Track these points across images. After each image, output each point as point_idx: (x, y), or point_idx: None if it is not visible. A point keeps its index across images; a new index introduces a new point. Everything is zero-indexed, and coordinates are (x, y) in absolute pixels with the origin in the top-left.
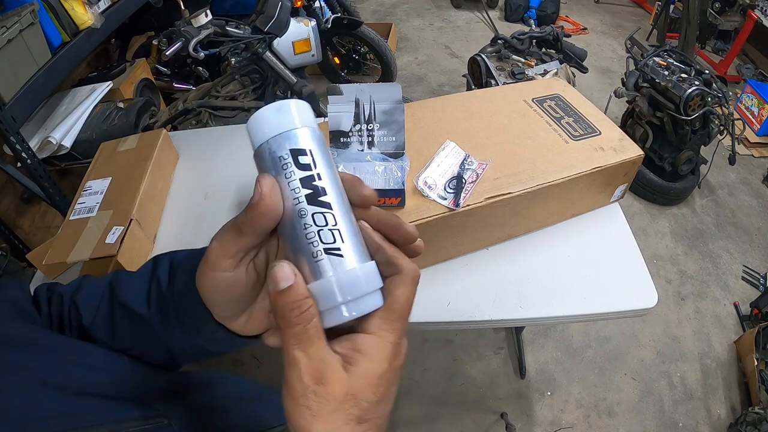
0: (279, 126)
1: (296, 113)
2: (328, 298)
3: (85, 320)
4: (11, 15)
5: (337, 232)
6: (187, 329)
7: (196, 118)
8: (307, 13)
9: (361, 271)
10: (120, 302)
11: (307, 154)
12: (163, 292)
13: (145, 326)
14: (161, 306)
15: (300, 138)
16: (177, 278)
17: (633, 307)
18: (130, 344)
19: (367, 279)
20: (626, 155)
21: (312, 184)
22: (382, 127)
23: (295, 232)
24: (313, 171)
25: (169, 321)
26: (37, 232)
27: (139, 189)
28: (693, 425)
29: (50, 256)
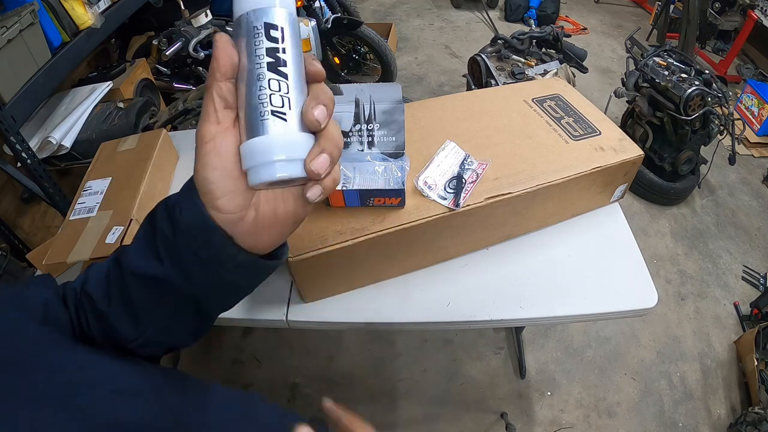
0: (260, 1)
1: None
2: (264, 153)
3: (100, 307)
4: (11, 15)
5: (287, 99)
6: (208, 266)
7: (196, 118)
8: (307, 13)
9: (300, 138)
10: (131, 273)
11: (278, 29)
12: (171, 239)
13: (165, 287)
14: (174, 256)
15: (276, 15)
16: (179, 215)
17: (633, 307)
18: (154, 316)
19: (301, 146)
20: (626, 155)
21: (276, 54)
22: (382, 127)
23: (250, 91)
24: (279, 45)
25: (188, 267)
26: (37, 232)
27: (139, 189)
28: (693, 425)
29: (50, 256)
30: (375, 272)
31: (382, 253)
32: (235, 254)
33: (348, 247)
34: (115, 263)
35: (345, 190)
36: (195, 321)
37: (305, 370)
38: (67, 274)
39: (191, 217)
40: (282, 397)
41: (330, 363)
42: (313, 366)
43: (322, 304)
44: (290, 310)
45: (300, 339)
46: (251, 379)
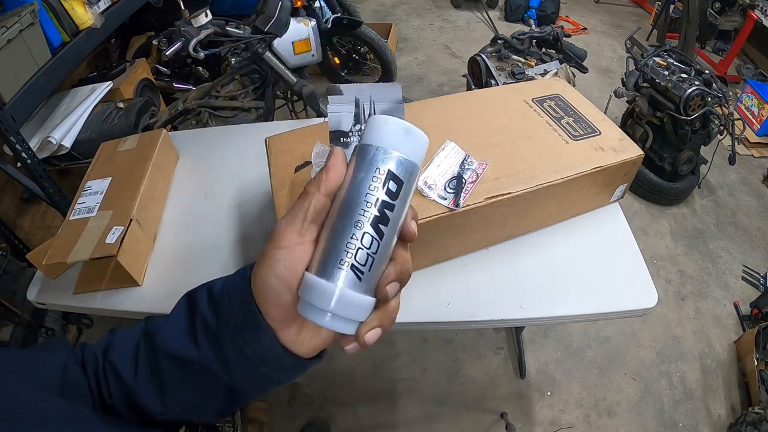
0: (400, 145)
1: (419, 149)
2: (323, 299)
3: (126, 379)
4: (11, 15)
5: (371, 259)
6: (249, 360)
7: (196, 118)
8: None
9: (364, 302)
10: (164, 353)
11: (400, 185)
12: (213, 328)
13: (199, 370)
14: (215, 345)
15: (407, 169)
16: (226, 308)
17: (633, 307)
18: (185, 396)
19: (362, 311)
20: (626, 155)
21: (384, 210)
22: None
23: (340, 230)
24: (393, 201)
25: (229, 359)
26: (37, 232)
27: (139, 189)
28: (693, 425)
29: (50, 256)
30: None
31: None
32: (280, 355)
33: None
34: (146, 337)
35: None
36: (225, 403)
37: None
38: (67, 274)
39: (241, 313)
40: (282, 397)
41: (330, 363)
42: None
43: None
44: None
45: None
46: None
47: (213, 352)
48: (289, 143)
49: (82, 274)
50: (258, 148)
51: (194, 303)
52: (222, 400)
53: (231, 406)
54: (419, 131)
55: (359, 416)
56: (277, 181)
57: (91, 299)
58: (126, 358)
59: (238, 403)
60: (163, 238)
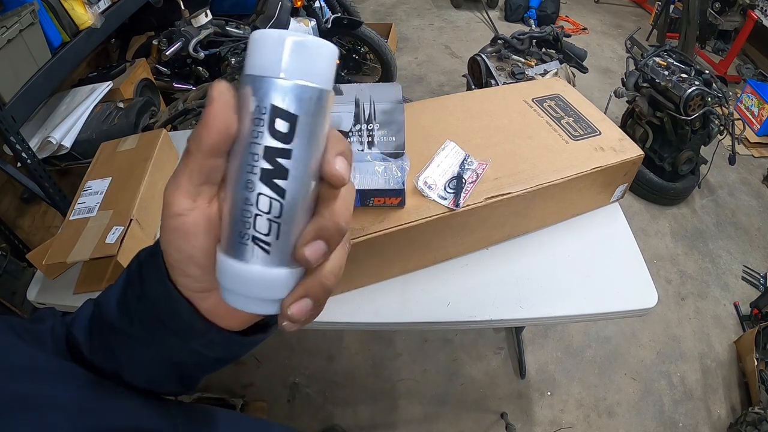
0: (286, 67)
1: (320, 67)
2: (231, 280)
3: (84, 350)
4: (11, 15)
5: (276, 225)
6: (178, 334)
7: (196, 118)
8: (307, 13)
9: (274, 276)
10: (110, 326)
11: (294, 121)
12: (137, 302)
13: (132, 342)
14: (141, 313)
15: (302, 98)
16: (147, 280)
17: (633, 307)
18: (139, 370)
19: (276, 288)
20: (626, 155)
21: (277, 160)
22: (382, 127)
23: (234, 197)
24: (288, 145)
25: (157, 330)
26: (37, 232)
27: (139, 189)
28: (693, 425)
29: (50, 256)
30: (375, 272)
31: (382, 253)
32: (205, 331)
33: None
34: (97, 310)
35: None
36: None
37: (305, 370)
38: (67, 274)
39: (156, 284)
40: (282, 397)
41: (330, 363)
42: (313, 366)
43: None
44: None
45: (300, 339)
46: (251, 379)
47: (141, 323)
48: None
49: (82, 274)
50: None
51: (130, 265)
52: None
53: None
54: (314, 41)
55: (359, 416)
56: None
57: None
58: (82, 327)
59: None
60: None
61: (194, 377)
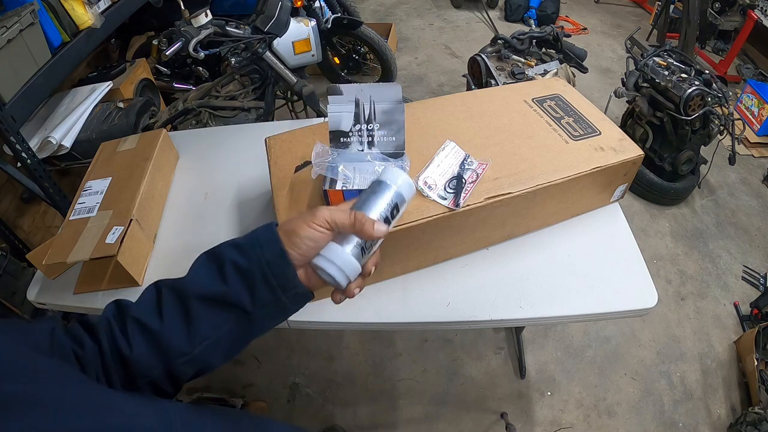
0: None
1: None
2: (337, 256)
3: (152, 326)
4: (11, 15)
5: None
6: (273, 291)
7: (196, 118)
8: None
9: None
10: (198, 295)
11: (398, 213)
12: (243, 267)
13: (227, 303)
14: (243, 279)
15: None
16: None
17: (633, 307)
18: (210, 330)
19: (354, 272)
20: (626, 155)
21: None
22: (382, 127)
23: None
24: (391, 222)
25: (257, 289)
26: (37, 232)
27: (139, 189)
28: (693, 425)
29: (50, 256)
30: (375, 272)
31: (383, 253)
32: (297, 284)
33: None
34: (168, 290)
35: (345, 191)
36: (239, 341)
37: (305, 370)
38: (67, 274)
39: (272, 253)
40: (282, 397)
41: (330, 363)
42: (313, 366)
43: (322, 304)
44: None
45: (300, 339)
46: (251, 379)
47: (243, 286)
48: (289, 143)
49: (82, 274)
50: (258, 148)
51: (219, 255)
52: (242, 333)
53: (244, 341)
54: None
55: (359, 416)
56: (277, 181)
57: (91, 299)
58: (148, 310)
59: (250, 338)
60: (163, 238)
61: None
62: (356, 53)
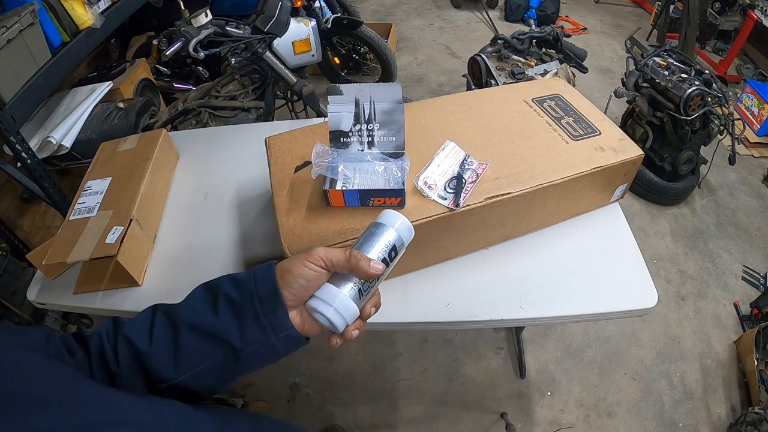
0: (404, 234)
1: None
2: (334, 297)
3: (140, 347)
4: (11, 15)
5: (369, 289)
6: (264, 331)
7: (196, 118)
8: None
9: (355, 309)
10: (189, 324)
11: (396, 255)
12: (236, 302)
13: (216, 337)
14: (235, 314)
15: (401, 247)
16: (250, 287)
17: (633, 307)
18: (196, 361)
19: (351, 315)
20: (626, 155)
21: (386, 271)
22: (382, 127)
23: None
24: (390, 264)
25: (246, 327)
26: (37, 232)
27: (139, 189)
28: (693, 425)
29: (50, 256)
30: None
31: None
32: (288, 327)
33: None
34: (163, 314)
35: (345, 190)
36: (225, 376)
37: (305, 370)
38: (67, 274)
39: (265, 290)
40: (282, 397)
41: (330, 363)
42: (313, 366)
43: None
44: None
45: None
46: (251, 379)
47: (233, 320)
48: (289, 143)
49: (82, 274)
50: (258, 148)
51: (215, 287)
52: (229, 369)
53: (231, 378)
54: (412, 228)
55: (359, 416)
56: (277, 181)
57: (91, 299)
58: (140, 331)
59: (237, 376)
60: (163, 238)
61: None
62: (356, 53)
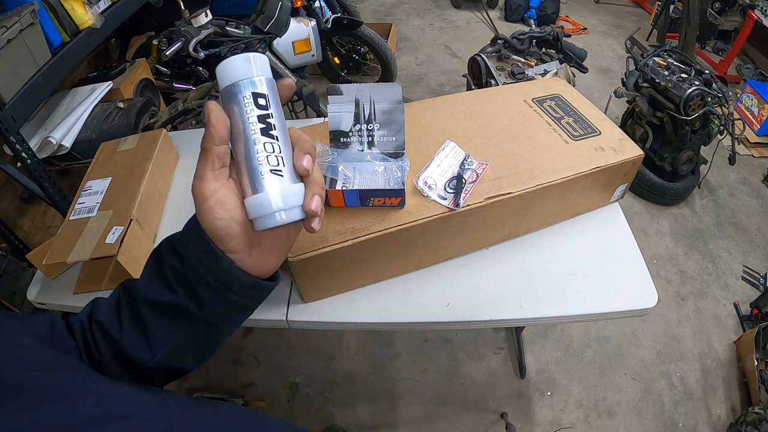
0: (244, 73)
1: (258, 65)
2: (267, 205)
3: (113, 333)
4: (11, 15)
5: (280, 158)
6: (215, 290)
7: (196, 118)
8: (307, 13)
9: (295, 188)
10: (145, 300)
11: (264, 97)
12: (179, 269)
13: (178, 312)
14: (184, 284)
15: (260, 84)
16: (185, 250)
17: (633, 307)
18: (166, 336)
19: (297, 195)
20: (626, 155)
21: (266, 120)
22: (382, 127)
23: (248, 155)
24: (268, 111)
25: (198, 293)
26: (37, 232)
27: (139, 189)
28: (693, 425)
29: (50, 256)
30: (375, 272)
31: (382, 253)
32: (239, 276)
33: (348, 247)
34: (125, 294)
35: (345, 190)
36: (203, 344)
37: (305, 370)
38: (67, 274)
39: (199, 249)
40: (282, 397)
41: (330, 363)
42: (313, 366)
43: (322, 304)
44: (290, 310)
45: (300, 339)
46: (251, 379)
47: (183, 290)
48: None
49: (82, 274)
50: None
51: (159, 255)
52: (201, 337)
53: (207, 348)
54: (251, 54)
55: (359, 416)
56: None
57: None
58: (110, 315)
59: (217, 340)
60: (163, 238)
61: (220, 333)
62: (356, 53)
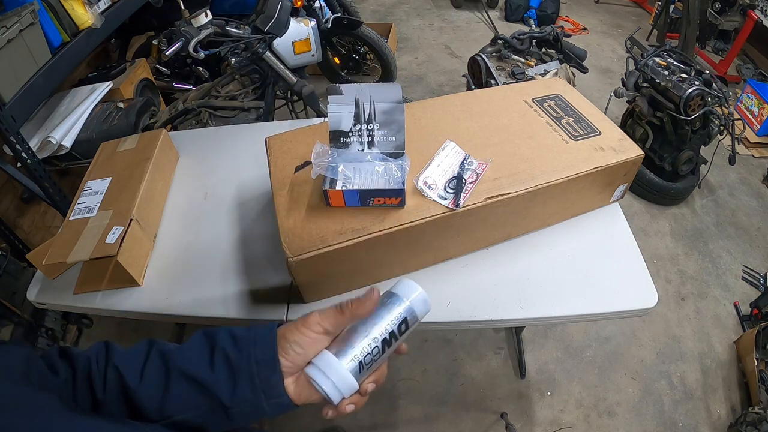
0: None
1: (424, 310)
2: (334, 371)
3: (130, 383)
4: (11, 15)
5: (371, 363)
6: (256, 391)
7: (196, 118)
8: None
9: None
10: (181, 372)
11: (407, 329)
12: (232, 360)
13: (208, 391)
14: (229, 371)
15: (413, 322)
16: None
17: (633, 307)
18: (183, 408)
19: (349, 390)
20: (626, 155)
21: (392, 339)
22: (382, 127)
23: (364, 338)
24: (399, 337)
25: (239, 384)
26: (37, 232)
27: (139, 189)
28: (693, 425)
29: (50, 256)
30: (375, 272)
31: (382, 253)
32: (281, 393)
33: (348, 247)
34: (159, 355)
35: (345, 190)
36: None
37: None
38: (67, 274)
39: (264, 353)
40: None
41: None
42: None
43: (322, 304)
44: (290, 310)
45: None
46: None
47: (227, 378)
48: (289, 143)
49: (82, 274)
50: (258, 148)
51: (214, 340)
52: (212, 422)
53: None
54: (429, 302)
55: (359, 416)
56: (277, 181)
57: (91, 299)
58: (132, 365)
59: (218, 428)
60: (163, 238)
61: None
62: (356, 53)
